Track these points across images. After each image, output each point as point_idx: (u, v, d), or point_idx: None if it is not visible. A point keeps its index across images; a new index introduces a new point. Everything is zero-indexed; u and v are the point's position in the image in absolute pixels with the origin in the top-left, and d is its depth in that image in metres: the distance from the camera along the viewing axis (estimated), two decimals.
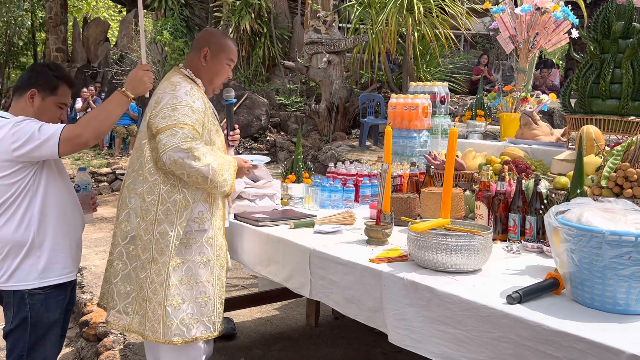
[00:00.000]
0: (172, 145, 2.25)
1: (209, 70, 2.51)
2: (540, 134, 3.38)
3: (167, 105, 2.32)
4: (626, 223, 1.48)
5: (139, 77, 2.28)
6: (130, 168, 2.48)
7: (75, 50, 16.20)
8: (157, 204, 2.35)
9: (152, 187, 2.36)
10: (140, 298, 2.37)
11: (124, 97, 2.23)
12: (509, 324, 1.52)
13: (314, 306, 3.56)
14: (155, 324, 2.34)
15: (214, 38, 2.54)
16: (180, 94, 2.35)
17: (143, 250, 2.37)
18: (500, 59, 12.25)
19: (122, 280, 2.42)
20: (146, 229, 2.36)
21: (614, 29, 2.88)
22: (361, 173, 3.21)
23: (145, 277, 2.36)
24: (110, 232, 6.16)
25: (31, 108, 2.21)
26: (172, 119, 2.28)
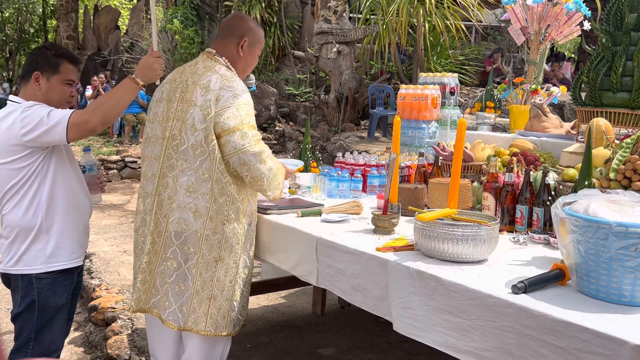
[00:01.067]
0: (243, 147, 2.28)
1: (244, 60, 2.48)
2: (550, 126, 3.36)
3: (231, 105, 2.28)
4: (633, 215, 1.48)
5: (149, 64, 2.28)
6: (178, 164, 2.36)
7: (86, 37, 16.25)
8: (229, 204, 2.37)
9: (224, 188, 2.35)
10: (203, 296, 2.38)
11: (134, 84, 2.24)
12: (514, 314, 1.53)
13: (320, 295, 3.58)
14: (219, 319, 2.40)
15: (251, 27, 2.49)
16: (239, 90, 2.33)
17: (209, 250, 2.37)
18: (512, 51, 12.16)
19: (177, 279, 2.41)
20: (215, 229, 2.37)
21: (627, 21, 2.86)
22: (369, 163, 3.21)
23: (210, 276, 2.38)
24: (120, 219, 6.25)
25: (39, 91, 2.22)
26: (239, 120, 2.29)
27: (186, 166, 2.35)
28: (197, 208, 2.35)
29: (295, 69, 12.08)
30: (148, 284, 2.49)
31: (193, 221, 2.36)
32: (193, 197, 2.35)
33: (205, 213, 2.36)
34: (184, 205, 2.36)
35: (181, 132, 2.35)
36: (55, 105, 2.23)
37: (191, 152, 2.34)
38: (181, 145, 2.35)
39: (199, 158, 2.33)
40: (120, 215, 6.51)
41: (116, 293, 3.87)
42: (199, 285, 2.39)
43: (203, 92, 2.32)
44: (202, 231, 2.36)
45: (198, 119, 2.31)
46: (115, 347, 3.12)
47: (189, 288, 2.40)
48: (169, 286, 2.42)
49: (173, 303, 2.42)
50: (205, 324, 2.38)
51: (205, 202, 2.35)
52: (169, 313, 2.42)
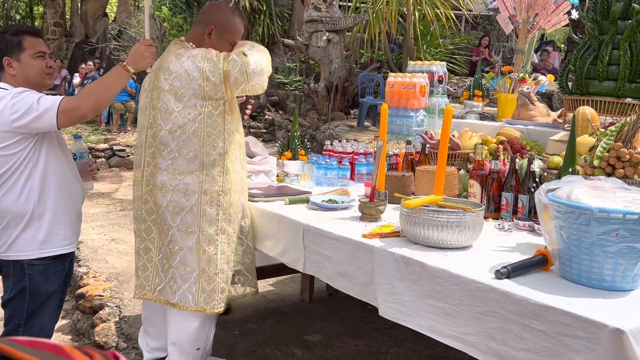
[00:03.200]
0: (243, 65, 2.28)
1: (214, 47, 2.46)
2: (537, 114, 3.39)
3: (205, 65, 2.29)
4: (614, 200, 1.50)
5: (140, 52, 2.26)
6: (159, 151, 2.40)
7: (74, 25, 16.04)
8: (223, 175, 2.40)
9: (216, 160, 2.38)
10: (210, 272, 2.40)
11: (125, 72, 2.22)
12: (496, 298, 1.54)
13: (308, 282, 3.60)
14: (226, 292, 2.44)
15: (222, 16, 2.49)
16: (196, 52, 2.34)
17: (209, 224, 2.40)
18: (501, 40, 12.18)
19: (181, 261, 2.42)
20: (211, 202, 2.39)
21: (613, 10, 2.87)
22: (357, 151, 3.22)
23: (214, 250, 2.40)
24: (108, 208, 6.22)
25: (16, 74, 2.19)
26: (220, 61, 2.29)
27: (167, 150, 2.38)
28: (188, 186, 2.38)
29: (284, 58, 12.02)
30: (150, 271, 2.51)
31: (184, 201, 2.38)
32: (179, 178, 2.38)
33: (198, 189, 2.38)
34: (172, 188, 2.39)
35: (156, 119, 2.39)
36: (37, 81, 2.21)
37: (170, 137, 2.37)
38: (159, 132, 2.39)
39: (179, 139, 2.36)
40: (109, 204, 6.48)
41: (104, 281, 3.86)
42: (204, 262, 2.41)
43: (166, 75, 2.35)
44: (199, 207, 2.38)
45: (172, 102, 2.34)
46: (102, 335, 3.12)
47: (194, 268, 2.41)
48: (175, 269, 2.43)
49: (182, 284, 2.42)
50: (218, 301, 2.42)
51: (196, 178, 2.38)
52: (179, 295, 2.42)
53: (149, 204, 2.47)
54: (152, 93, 2.42)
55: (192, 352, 2.47)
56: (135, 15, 13.16)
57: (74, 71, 12.41)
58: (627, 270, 1.51)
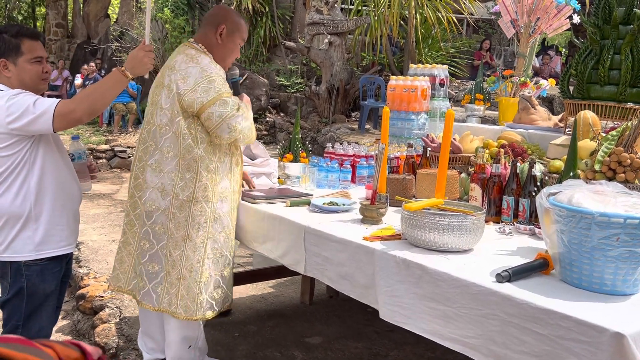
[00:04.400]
0: (228, 114, 2.32)
1: (223, 48, 2.50)
2: (538, 118, 3.39)
3: (201, 79, 2.33)
4: (615, 205, 1.50)
5: (139, 58, 2.26)
6: (149, 146, 2.44)
7: (76, 26, 16.07)
8: (195, 181, 2.38)
9: (190, 164, 2.37)
10: (173, 277, 2.40)
11: (123, 77, 2.22)
12: (497, 302, 1.55)
13: (308, 284, 3.60)
14: (189, 302, 2.39)
15: (230, 16, 2.53)
16: (206, 65, 2.37)
17: (177, 228, 2.39)
18: (503, 44, 12.19)
19: (150, 259, 2.45)
20: (181, 207, 2.39)
21: (615, 15, 2.88)
22: (358, 154, 3.22)
23: (179, 255, 2.40)
24: (109, 209, 6.22)
25: (11, 77, 2.18)
26: (215, 91, 2.32)
27: (154, 147, 2.43)
28: (164, 187, 2.40)
29: (286, 60, 12.04)
30: (127, 264, 2.54)
31: (161, 200, 2.41)
32: (159, 176, 2.41)
33: (171, 191, 2.39)
34: (153, 185, 2.42)
35: (153, 115, 2.45)
36: (31, 85, 2.20)
37: (158, 132, 2.42)
38: (152, 128, 2.45)
39: (163, 137, 2.40)
40: (109, 205, 6.48)
41: (104, 282, 3.86)
42: (170, 265, 2.42)
43: (169, 72, 2.40)
44: (170, 210, 2.40)
45: (163, 99, 2.39)
46: (103, 336, 3.12)
47: (162, 269, 2.44)
48: (143, 266, 2.47)
49: (147, 283, 2.46)
50: (176, 305, 2.40)
51: (170, 180, 2.39)
52: (144, 294, 2.46)
53: (134, 198, 2.52)
54: (155, 90, 2.48)
55: (184, 350, 2.49)
56: (137, 17, 13.19)
57: (76, 72, 12.43)
58: (628, 274, 1.51)
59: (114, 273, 2.61)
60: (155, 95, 2.46)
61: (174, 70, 2.39)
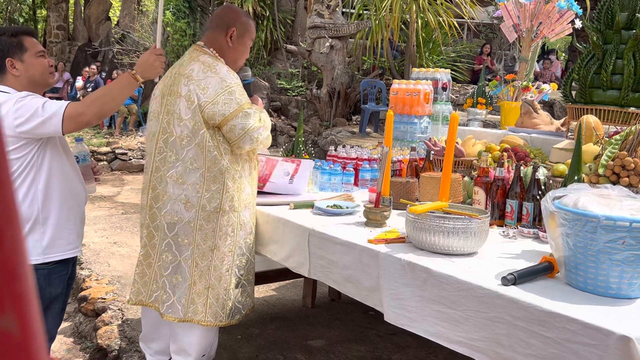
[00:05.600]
0: (251, 126, 2.32)
1: (234, 50, 2.48)
2: (540, 122, 3.40)
3: (222, 91, 2.30)
4: (621, 209, 1.50)
5: (150, 62, 2.25)
6: (167, 157, 2.40)
7: (77, 28, 16.10)
8: (222, 193, 2.38)
9: (216, 176, 2.36)
10: (200, 286, 2.40)
11: (133, 80, 2.21)
12: (503, 305, 1.55)
13: (310, 287, 3.60)
14: (218, 309, 2.41)
15: (239, 17, 2.49)
16: (224, 74, 2.34)
17: (203, 240, 2.39)
18: (503, 49, 12.22)
19: (173, 271, 2.44)
20: (208, 218, 2.38)
21: (618, 20, 2.89)
22: (361, 157, 3.23)
23: (206, 266, 2.40)
24: (110, 211, 6.22)
25: (20, 75, 2.17)
26: (236, 103, 2.31)
27: (174, 158, 2.39)
28: (188, 199, 2.37)
29: (287, 63, 12.06)
30: (148, 277, 2.53)
31: (185, 212, 2.38)
32: (182, 188, 2.38)
33: (197, 203, 2.37)
34: (175, 197, 2.39)
35: (170, 124, 2.39)
36: (41, 80, 2.21)
37: (178, 143, 2.37)
38: (170, 138, 2.39)
39: (185, 148, 2.36)
40: (110, 207, 6.49)
41: (106, 284, 3.86)
42: (196, 276, 2.41)
43: (186, 81, 2.35)
44: (195, 221, 2.38)
45: (183, 109, 2.35)
46: (105, 338, 3.12)
47: (186, 279, 2.42)
48: (166, 279, 2.45)
49: (171, 295, 2.44)
50: (205, 314, 2.40)
51: (195, 192, 2.37)
52: (168, 306, 2.44)
53: (152, 210, 2.48)
54: (169, 98, 2.41)
55: (197, 359, 2.48)
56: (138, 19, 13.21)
57: (77, 74, 12.44)
58: (634, 278, 1.51)
59: (134, 287, 2.58)
60: (171, 104, 2.39)
61: (192, 80, 2.34)
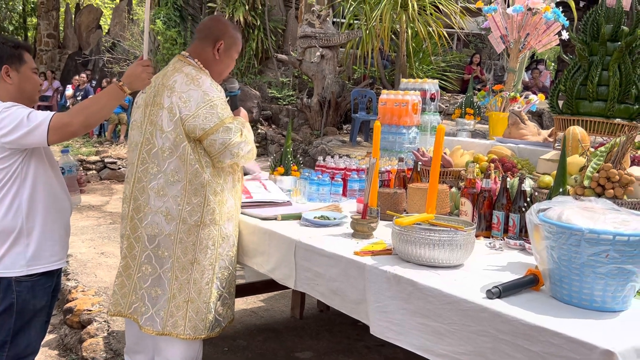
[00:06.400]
0: (231, 141, 2.31)
1: (221, 63, 2.47)
2: (528, 133, 3.42)
3: (203, 104, 2.29)
4: (604, 222, 1.51)
5: (137, 73, 2.23)
6: (149, 168, 2.40)
7: (67, 36, 16.06)
8: (203, 206, 2.37)
9: (197, 189, 2.36)
10: (179, 300, 2.39)
11: (120, 91, 2.19)
12: (488, 318, 1.55)
13: (299, 298, 3.58)
14: (197, 322, 2.40)
15: (227, 30, 2.49)
16: (207, 87, 2.33)
17: (184, 253, 2.38)
18: (493, 58, 12.31)
19: (152, 284, 2.43)
20: (189, 231, 2.37)
21: (603, 32, 2.92)
22: (349, 167, 3.22)
23: (186, 279, 2.39)
24: (98, 221, 6.17)
25: (11, 85, 2.17)
26: (217, 117, 2.30)
27: (156, 170, 2.38)
28: (169, 211, 2.37)
29: (278, 72, 12.07)
30: (127, 288, 2.51)
31: (165, 224, 2.38)
32: (163, 200, 2.37)
33: (177, 216, 2.36)
34: (156, 209, 2.38)
35: (153, 135, 2.39)
36: (30, 95, 2.21)
37: (160, 155, 2.37)
38: (152, 149, 2.39)
39: (167, 160, 2.36)
40: (99, 217, 6.44)
41: (92, 295, 3.82)
42: (175, 288, 2.39)
43: (169, 93, 2.35)
44: (176, 234, 2.37)
45: (165, 121, 2.35)
46: (90, 350, 3.08)
47: (165, 292, 2.41)
48: (145, 291, 2.44)
49: (150, 308, 2.43)
50: (184, 327, 2.38)
51: (176, 204, 2.36)
52: (146, 318, 2.43)
53: (134, 221, 2.47)
54: (152, 109, 2.40)
55: None
56: (129, 28, 13.19)
57: (67, 83, 12.39)
58: (617, 291, 1.51)
59: (113, 298, 2.56)
60: (154, 115, 2.39)
61: (174, 92, 2.33)
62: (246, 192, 2.80)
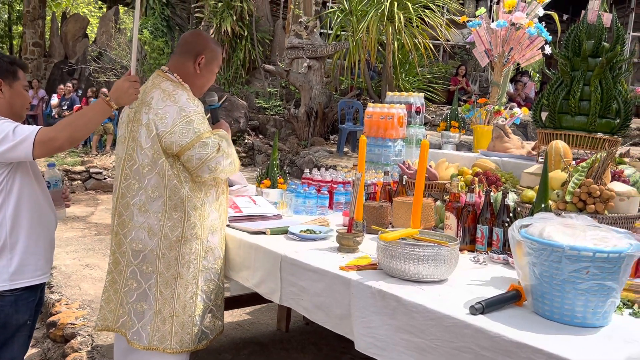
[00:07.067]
0: (208, 156, 2.32)
1: (201, 77, 2.48)
2: (512, 146, 3.46)
3: (179, 120, 2.30)
4: (584, 239, 1.53)
5: (125, 88, 2.23)
6: (132, 184, 2.41)
7: (53, 45, 15.95)
8: (183, 221, 2.37)
9: (177, 205, 2.36)
10: (165, 314, 2.39)
11: (107, 107, 2.19)
12: (471, 334, 1.56)
13: (284, 311, 3.57)
14: (184, 335, 2.40)
15: (208, 45, 2.50)
16: (184, 103, 2.34)
17: (166, 268, 2.38)
18: (478, 70, 12.44)
19: (138, 299, 2.43)
20: (170, 247, 2.38)
21: (584, 48, 2.97)
22: (336, 180, 3.24)
23: (170, 294, 2.39)
24: (83, 232, 6.12)
25: (2, 99, 2.17)
26: (194, 132, 2.31)
27: (138, 186, 2.40)
28: (151, 227, 2.38)
29: (265, 83, 12.10)
30: (114, 303, 2.52)
31: (148, 240, 2.39)
32: (145, 216, 2.38)
33: (159, 231, 2.37)
34: (139, 225, 2.40)
35: (134, 151, 2.41)
36: (19, 111, 2.23)
37: (141, 171, 2.39)
38: (134, 165, 2.41)
39: (147, 176, 2.38)
40: (84, 228, 6.38)
41: (77, 308, 3.78)
42: (160, 303, 2.40)
43: (146, 109, 2.36)
44: (158, 249, 2.38)
45: (143, 138, 2.36)
46: None
47: (151, 307, 2.41)
48: (131, 306, 2.45)
49: (136, 323, 2.43)
50: (170, 341, 2.39)
51: (157, 220, 2.37)
52: (133, 333, 2.44)
53: (119, 236, 2.48)
54: (133, 125, 2.42)
55: None
56: (115, 38, 13.16)
57: (52, 92, 12.31)
58: (598, 307, 1.54)
59: (100, 313, 2.56)
60: (134, 131, 2.41)
61: (151, 109, 2.34)
62: (235, 207, 2.81)
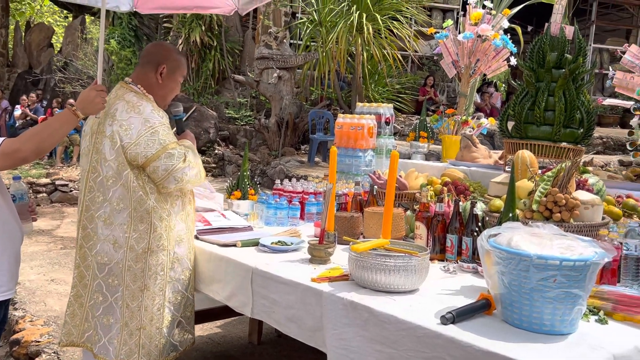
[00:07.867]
0: (174, 166, 2.30)
1: (164, 87, 2.47)
2: (479, 156, 3.51)
3: (144, 131, 2.28)
4: (551, 247, 1.56)
5: (91, 98, 2.20)
6: (96, 197, 2.37)
7: (17, 55, 15.59)
8: (149, 232, 2.34)
9: (143, 216, 2.33)
10: (132, 327, 2.34)
11: (73, 116, 2.16)
12: (442, 344, 1.57)
13: (256, 324, 3.54)
14: (152, 348, 2.36)
15: (170, 54, 2.50)
16: (148, 114, 2.32)
17: (133, 280, 2.35)
18: (446, 80, 12.64)
19: (104, 312, 2.39)
20: (136, 259, 2.34)
21: (548, 59, 3.04)
22: (307, 191, 3.23)
23: (137, 306, 2.35)
24: (48, 246, 5.97)
25: None
26: (159, 143, 2.29)
27: (102, 198, 2.37)
28: (116, 239, 2.35)
29: (235, 93, 12.06)
30: (79, 317, 2.47)
31: (114, 252, 2.35)
32: (110, 228, 2.36)
33: (124, 243, 2.34)
34: (104, 238, 2.37)
35: (98, 163, 2.38)
36: None
37: (105, 183, 2.36)
38: (98, 177, 2.38)
39: (111, 189, 2.35)
40: (49, 242, 6.22)
41: (41, 325, 3.67)
42: (127, 316, 2.36)
43: (110, 121, 2.34)
44: (124, 262, 2.35)
45: (107, 150, 2.34)
46: None
47: (117, 320, 2.37)
48: (97, 320, 2.41)
49: (102, 337, 2.39)
50: (138, 354, 2.35)
51: (123, 232, 2.34)
52: (100, 347, 2.39)
53: (83, 249, 2.44)
54: (97, 137, 2.39)
55: None
56: (82, 48, 12.95)
57: (16, 102, 12.02)
58: (565, 314, 1.56)
59: (65, 328, 2.50)
60: (98, 143, 2.38)
61: (115, 120, 2.32)
62: (205, 221, 2.78)
